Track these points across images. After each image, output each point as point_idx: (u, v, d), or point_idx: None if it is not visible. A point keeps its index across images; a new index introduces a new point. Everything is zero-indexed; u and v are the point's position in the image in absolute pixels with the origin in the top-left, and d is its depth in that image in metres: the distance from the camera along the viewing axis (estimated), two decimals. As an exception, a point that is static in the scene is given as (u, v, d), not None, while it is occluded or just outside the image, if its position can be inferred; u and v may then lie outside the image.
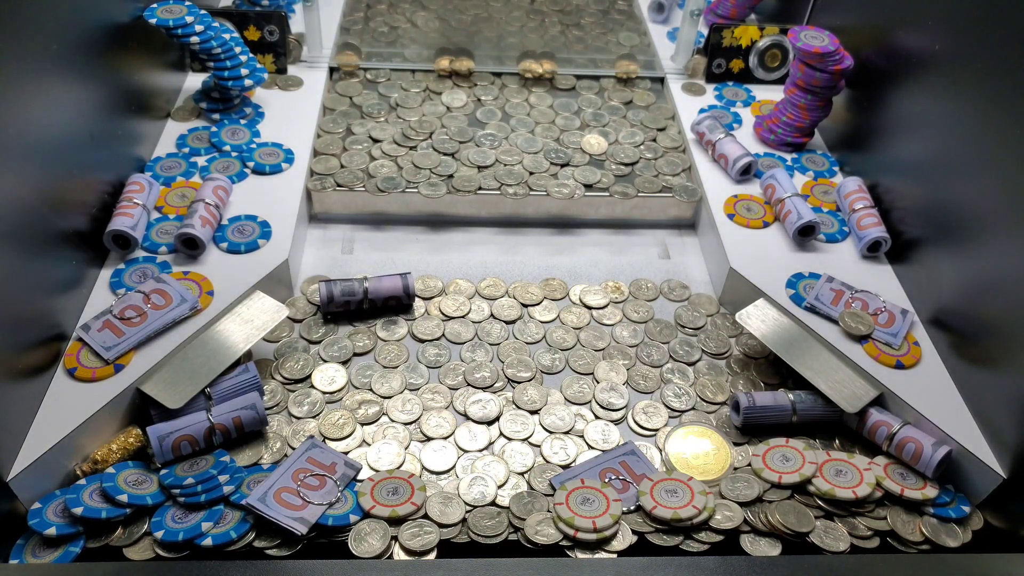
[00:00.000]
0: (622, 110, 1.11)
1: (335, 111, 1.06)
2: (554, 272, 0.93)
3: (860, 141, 0.99)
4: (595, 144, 1.03)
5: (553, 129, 1.06)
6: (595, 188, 0.98)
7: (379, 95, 1.10)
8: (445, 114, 1.07)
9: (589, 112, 1.09)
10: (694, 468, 0.73)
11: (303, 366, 0.79)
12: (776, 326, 0.81)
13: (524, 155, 1.01)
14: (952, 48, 0.83)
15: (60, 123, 0.76)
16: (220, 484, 0.67)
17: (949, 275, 0.80)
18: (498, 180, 0.97)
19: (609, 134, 1.06)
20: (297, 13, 1.22)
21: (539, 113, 1.09)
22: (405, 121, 1.05)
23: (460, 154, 1.00)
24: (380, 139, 1.02)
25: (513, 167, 0.99)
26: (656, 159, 1.03)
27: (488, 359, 0.82)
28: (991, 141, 0.75)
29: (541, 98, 1.12)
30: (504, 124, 1.06)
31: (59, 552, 0.63)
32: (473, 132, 1.04)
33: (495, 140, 1.03)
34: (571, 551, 0.66)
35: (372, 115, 1.06)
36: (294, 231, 0.87)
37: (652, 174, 1.00)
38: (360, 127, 1.04)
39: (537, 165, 1.00)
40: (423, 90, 1.11)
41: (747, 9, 1.22)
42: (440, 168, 0.98)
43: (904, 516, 0.70)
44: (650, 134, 1.07)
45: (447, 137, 1.03)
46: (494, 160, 1.00)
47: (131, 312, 0.75)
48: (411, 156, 1.00)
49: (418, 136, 1.02)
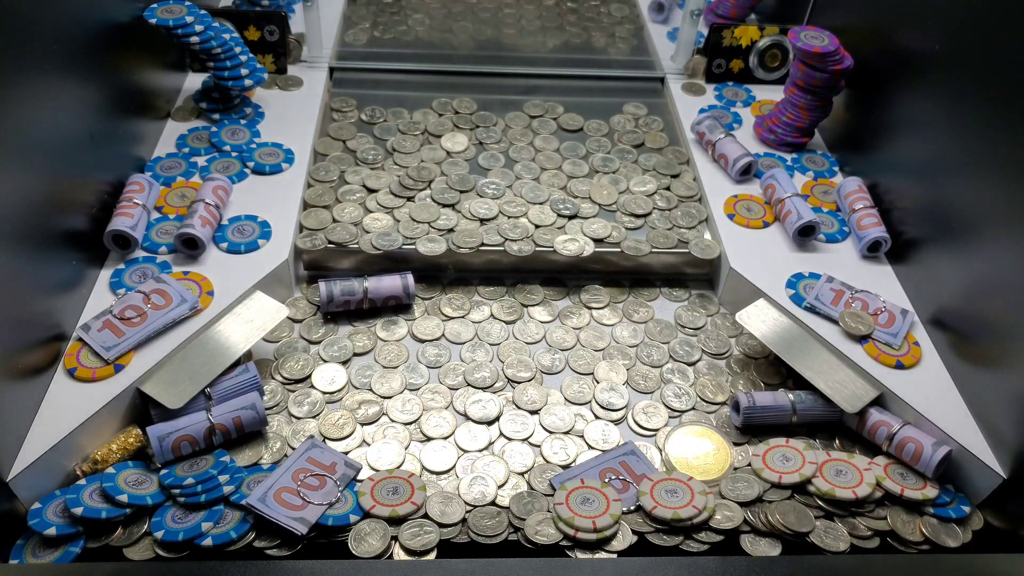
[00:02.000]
0: (633, 154, 1.03)
1: (327, 157, 0.99)
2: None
3: (860, 141, 0.99)
4: (605, 194, 0.95)
5: (560, 176, 0.98)
6: (606, 243, 0.90)
7: (374, 138, 1.02)
8: (445, 159, 1.00)
9: (598, 157, 1.02)
10: (694, 468, 0.73)
11: (303, 366, 0.79)
12: (776, 326, 0.81)
13: (530, 206, 0.93)
14: (952, 48, 0.83)
15: (60, 123, 0.76)
16: (220, 484, 0.67)
17: (949, 275, 0.80)
18: (502, 235, 0.89)
19: (620, 181, 0.98)
20: (297, 13, 1.22)
21: (545, 157, 1.01)
22: (402, 168, 0.98)
23: (461, 205, 0.93)
24: (375, 189, 0.94)
25: (518, 219, 0.92)
26: (670, 209, 0.95)
27: (488, 359, 0.82)
28: (991, 141, 0.75)
29: (547, 141, 1.04)
30: (508, 171, 0.99)
31: (59, 552, 0.63)
32: (475, 180, 0.96)
33: (498, 189, 0.95)
34: (571, 551, 0.66)
35: (367, 161, 0.98)
36: (294, 231, 0.88)
37: (667, 227, 0.92)
38: (354, 175, 0.96)
39: (543, 218, 0.92)
40: (422, 132, 1.04)
41: (747, 9, 1.22)
42: (440, 222, 0.90)
43: (904, 516, 0.70)
44: (663, 182, 0.98)
45: (447, 186, 0.95)
46: (497, 212, 0.92)
47: (131, 312, 0.75)
48: (408, 208, 0.92)
49: (416, 185, 0.94)
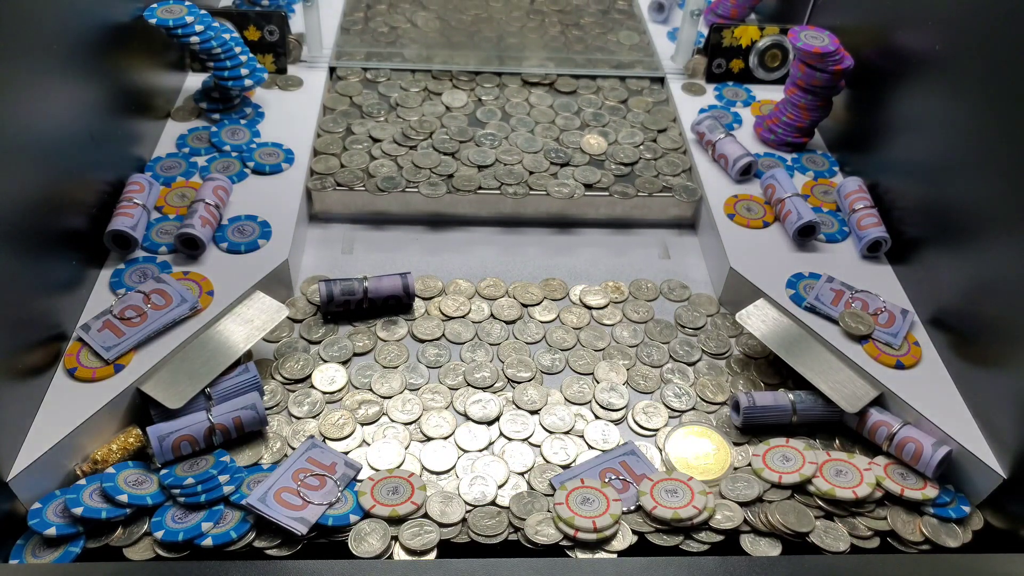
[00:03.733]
0: (622, 110, 1.11)
1: (335, 111, 1.06)
2: (554, 272, 0.93)
3: (860, 141, 0.99)
4: (595, 144, 1.03)
5: (553, 129, 1.06)
6: (595, 188, 0.98)
7: (379, 95, 1.10)
8: (445, 114, 1.07)
9: (589, 112, 1.09)
10: (694, 468, 0.73)
11: (303, 366, 0.79)
12: (776, 326, 0.81)
13: (524, 155, 1.01)
14: (952, 48, 0.83)
15: (60, 123, 0.76)
16: (220, 484, 0.67)
17: (949, 275, 0.80)
18: (498, 180, 0.97)
19: (609, 134, 1.06)
20: (297, 13, 1.22)
21: (539, 113, 1.09)
22: (405, 121, 1.05)
23: (460, 154, 1.00)
24: (380, 139, 1.02)
25: (513, 167, 0.99)
26: (656, 159, 1.03)
27: (488, 359, 0.82)
28: (991, 141, 0.75)
29: (541, 98, 1.12)
30: (504, 124, 1.06)
31: (59, 552, 0.63)
32: (473, 132, 1.04)
33: (495, 140, 1.03)
34: (571, 551, 0.66)
35: (372, 115, 1.06)
36: (294, 231, 0.87)
37: (652, 174, 1.00)
38: (360, 127, 1.04)
39: (537, 165, 1.00)
40: (423, 89, 1.11)
41: (747, 9, 1.22)
42: (440, 168, 0.98)
43: (904, 516, 0.70)
44: (650, 135, 1.06)
45: (447, 137, 1.02)
46: (494, 160, 1.00)
47: (131, 312, 0.75)
48: (411, 156, 1.00)
49: (418, 136, 1.02)
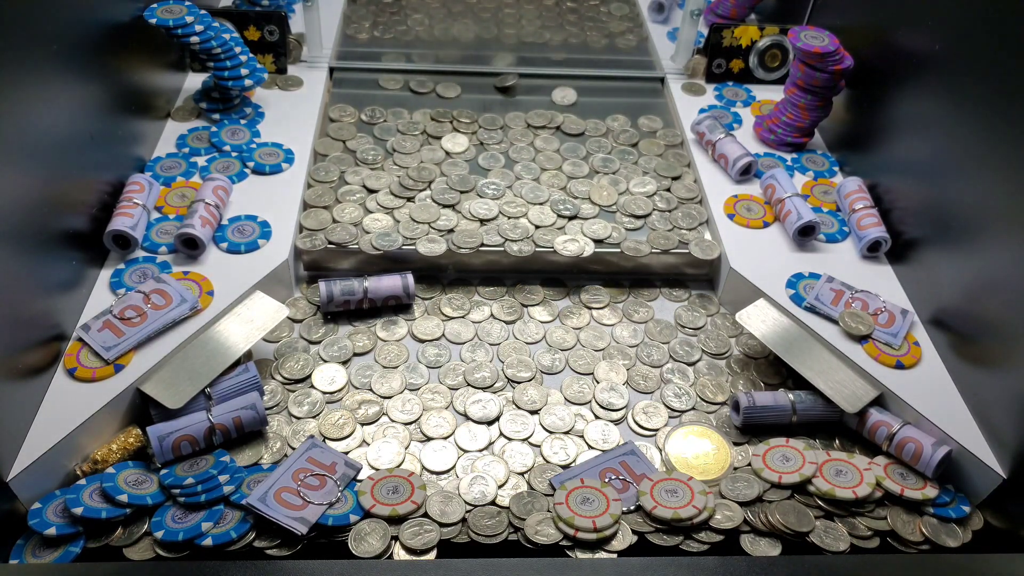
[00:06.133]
0: (633, 154, 1.03)
1: (327, 157, 0.99)
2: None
3: (860, 141, 0.99)
4: (605, 196, 0.94)
5: (560, 177, 0.98)
6: (606, 244, 0.90)
7: (374, 139, 1.02)
8: (445, 160, 0.99)
9: (598, 158, 1.01)
10: (694, 468, 0.73)
11: (303, 366, 0.79)
12: (776, 326, 0.81)
13: (530, 207, 0.93)
14: (952, 48, 0.83)
15: (60, 123, 0.76)
16: (220, 484, 0.67)
17: (949, 275, 0.80)
18: (502, 235, 0.89)
19: (619, 182, 0.97)
20: (297, 13, 1.22)
21: (545, 158, 1.01)
22: (402, 168, 0.97)
23: (461, 206, 0.92)
24: (375, 189, 0.94)
25: (518, 219, 0.91)
26: (671, 211, 0.95)
27: (488, 359, 0.82)
28: (991, 141, 0.75)
29: (547, 141, 1.04)
30: (508, 171, 0.98)
31: (59, 552, 0.63)
32: (475, 181, 0.96)
33: (499, 189, 0.95)
34: (571, 551, 0.66)
35: (367, 162, 0.98)
36: (294, 231, 0.87)
37: (667, 228, 0.92)
38: (354, 176, 0.96)
39: (543, 218, 0.92)
40: (421, 132, 1.03)
41: (747, 9, 1.22)
42: (440, 222, 0.90)
43: (904, 516, 0.70)
44: (664, 183, 0.98)
45: (447, 187, 0.94)
46: (497, 212, 0.92)
47: (131, 312, 0.75)
48: (408, 208, 0.92)
49: (416, 186, 0.94)
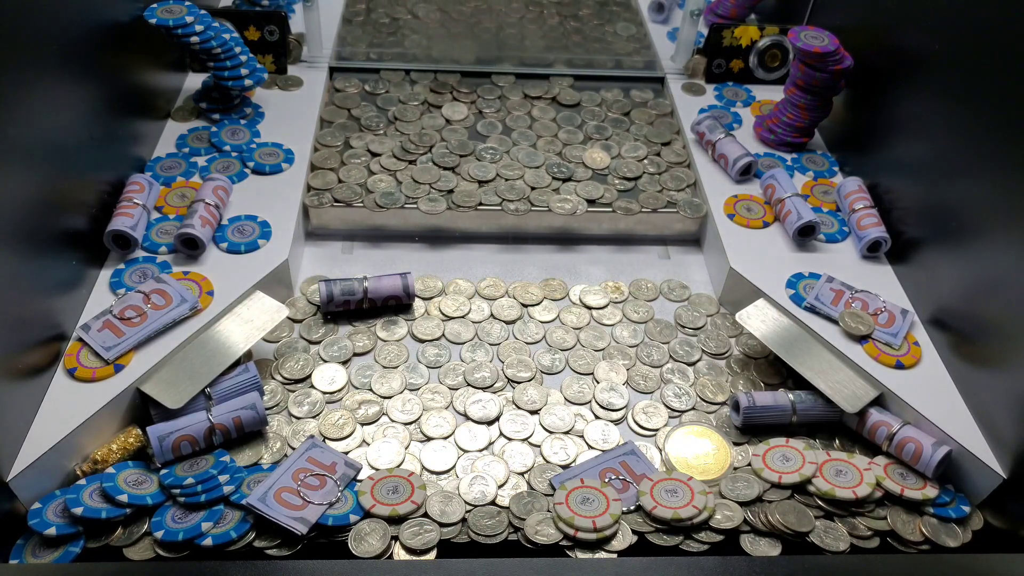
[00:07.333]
0: (625, 122, 1.08)
1: (332, 124, 1.04)
2: (555, 274, 0.91)
3: (860, 141, 0.99)
4: (598, 159, 1.00)
5: (555, 143, 1.03)
6: (598, 204, 0.95)
7: (377, 108, 1.07)
8: (445, 127, 1.04)
9: (592, 125, 1.06)
10: (694, 468, 0.73)
11: (303, 366, 0.79)
12: (776, 326, 0.81)
13: (526, 170, 0.98)
14: (952, 48, 0.83)
15: (60, 123, 0.76)
16: (220, 484, 0.67)
17: (949, 275, 0.80)
18: (499, 195, 0.94)
19: (612, 148, 1.03)
20: (297, 13, 1.22)
21: (541, 126, 1.06)
22: (404, 134, 1.02)
23: (460, 168, 0.98)
24: (379, 153, 0.99)
25: (515, 182, 0.96)
26: (660, 174, 1.00)
27: (488, 359, 0.82)
28: (991, 141, 0.75)
29: (543, 111, 1.09)
30: (505, 137, 1.03)
31: (59, 552, 0.63)
32: (474, 145, 1.01)
33: (496, 154, 1.00)
34: (571, 551, 0.66)
35: (370, 128, 1.03)
36: (294, 231, 0.88)
37: (656, 189, 0.98)
38: (358, 140, 1.01)
39: (539, 180, 0.97)
40: (422, 103, 1.08)
41: (747, 9, 1.22)
42: (440, 183, 0.95)
43: (904, 516, 0.70)
44: (654, 148, 1.04)
45: (447, 151, 1.00)
46: (495, 175, 0.97)
47: (131, 312, 0.75)
48: (410, 170, 0.97)
49: (418, 150, 0.99)
